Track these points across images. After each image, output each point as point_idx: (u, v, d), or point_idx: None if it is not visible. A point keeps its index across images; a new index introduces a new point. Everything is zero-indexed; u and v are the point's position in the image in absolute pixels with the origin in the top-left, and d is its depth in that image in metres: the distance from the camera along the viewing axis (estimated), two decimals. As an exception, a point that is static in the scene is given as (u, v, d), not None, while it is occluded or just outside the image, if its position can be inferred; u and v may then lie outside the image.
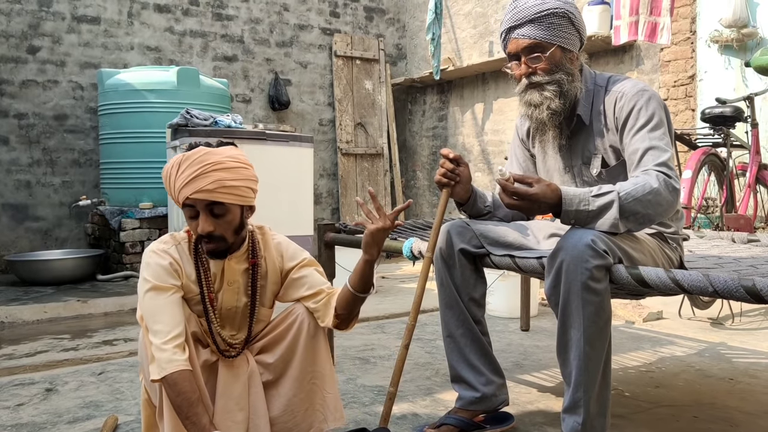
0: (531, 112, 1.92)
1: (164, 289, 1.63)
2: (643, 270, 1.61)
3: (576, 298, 1.64)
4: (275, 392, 1.80)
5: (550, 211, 1.68)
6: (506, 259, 1.97)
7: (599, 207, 1.64)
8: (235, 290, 1.76)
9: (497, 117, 6.48)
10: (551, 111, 1.88)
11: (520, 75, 1.91)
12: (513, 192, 1.64)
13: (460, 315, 2.04)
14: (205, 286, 1.71)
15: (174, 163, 1.63)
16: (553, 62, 1.86)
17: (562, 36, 1.86)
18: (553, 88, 1.87)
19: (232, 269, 1.75)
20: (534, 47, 1.86)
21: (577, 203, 1.64)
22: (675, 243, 1.95)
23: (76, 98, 5.70)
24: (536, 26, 1.85)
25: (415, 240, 2.34)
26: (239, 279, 1.76)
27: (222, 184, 1.60)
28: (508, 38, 1.92)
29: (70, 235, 5.68)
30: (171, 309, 1.61)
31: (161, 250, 1.68)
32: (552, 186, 1.65)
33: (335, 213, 7.17)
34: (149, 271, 1.64)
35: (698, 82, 4.82)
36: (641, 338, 3.25)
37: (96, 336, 3.39)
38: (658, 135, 1.77)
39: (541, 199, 1.63)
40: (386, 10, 7.52)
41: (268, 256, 1.81)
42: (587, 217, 1.65)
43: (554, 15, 1.84)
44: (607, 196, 1.64)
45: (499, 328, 3.50)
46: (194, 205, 1.61)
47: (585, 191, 1.66)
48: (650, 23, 3.98)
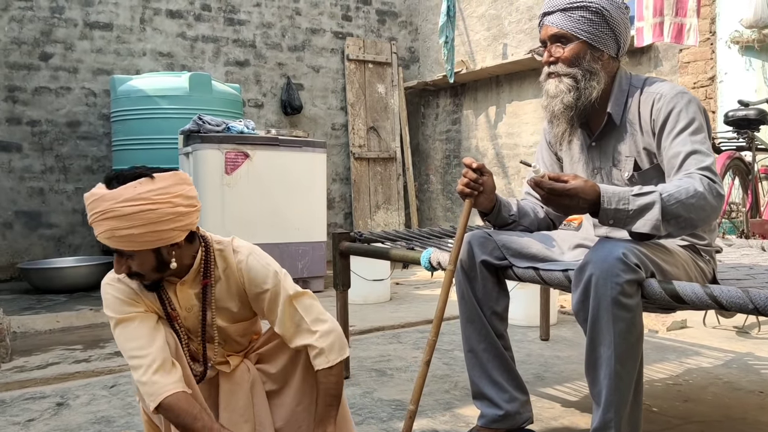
0: (548, 103, 1.88)
1: (128, 319, 1.54)
2: (678, 285, 1.53)
3: (606, 314, 1.56)
4: (278, 402, 1.73)
5: (587, 210, 1.60)
6: (530, 272, 1.90)
7: (640, 207, 1.56)
8: (196, 315, 1.65)
9: (511, 120, 6.40)
10: (564, 105, 1.83)
11: (544, 61, 1.86)
12: (550, 189, 1.57)
13: (482, 329, 1.96)
14: (169, 308, 1.61)
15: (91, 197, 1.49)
16: (574, 56, 1.81)
17: (590, 32, 1.79)
18: (569, 82, 1.82)
19: (185, 295, 1.62)
20: (559, 37, 1.82)
21: (617, 202, 1.56)
22: (708, 255, 1.87)
23: (88, 105, 5.69)
24: (565, 16, 1.80)
25: (434, 250, 2.27)
26: (195, 303, 1.63)
27: (113, 234, 1.43)
28: (542, 24, 1.88)
29: (84, 242, 5.66)
30: (142, 336, 1.53)
31: (114, 281, 1.58)
32: (590, 182, 1.58)
33: (348, 218, 7.11)
34: (108, 304, 1.55)
35: (718, 84, 4.71)
36: (665, 348, 3.16)
37: (108, 346, 3.34)
38: (700, 139, 1.70)
39: (579, 194, 1.56)
40: (399, 13, 7.46)
41: (230, 273, 1.64)
42: (626, 217, 1.57)
43: (586, 9, 1.78)
44: (648, 196, 1.56)
45: (518, 337, 3.42)
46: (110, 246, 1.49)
47: (625, 190, 1.58)
48: (676, 24, 3.88)
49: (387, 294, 4.65)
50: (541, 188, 1.59)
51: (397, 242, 2.72)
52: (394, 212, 7.24)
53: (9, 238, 5.40)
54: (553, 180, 1.58)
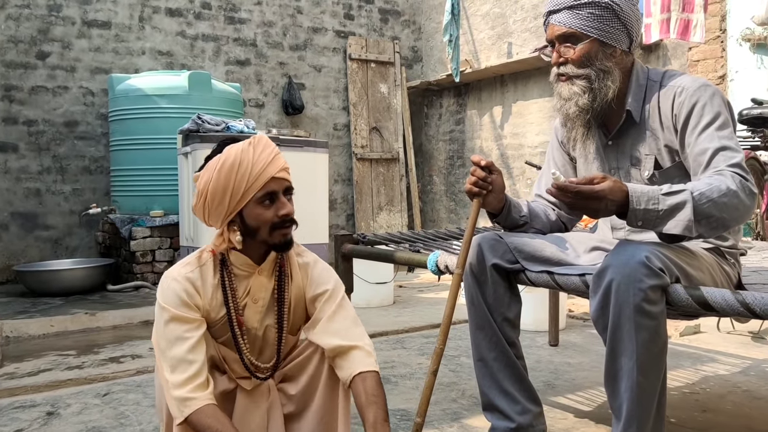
0: (561, 105, 1.77)
1: (188, 320, 1.49)
2: (706, 291, 1.43)
3: (628, 322, 1.45)
4: (297, 426, 1.64)
5: (615, 212, 1.50)
6: (544, 276, 1.79)
7: (671, 207, 1.46)
8: (259, 309, 1.61)
9: (516, 120, 6.29)
10: (579, 108, 1.73)
11: (553, 63, 1.76)
12: (576, 192, 1.46)
13: (493, 337, 1.86)
14: (233, 308, 1.56)
15: (244, 147, 1.50)
16: (585, 55, 1.70)
17: (601, 28, 1.69)
18: (582, 83, 1.71)
19: (259, 284, 1.60)
20: (568, 36, 1.71)
21: (646, 201, 1.46)
22: (733, 258, 1.76)
23: (86, 104, 5.59)
24: (573, 14, 1.69)
25: (441, 253, 2.16)
26: (264, 296, 1.61)
27: (287, 166, 1.56)
28: (547, 23, 1.77)
29: (81, 243, 5.56)
30: (193, 345, 1.47)
31: (181, 277, 1.53)
32: (618, 182, 1.47)
33: (350, 219, 7.01)
34: (167, 299, 1.49)
35: (729, 82, 4.61)
36: (680, 355, 3.05)
37: (103, 352, 3.24)
38: (727, 134, 1.59)
39: (608, 195, 1.45)
40: (401, 12, 7.36)
41: (293, 275, 1.65)
42: (656, 217, 1.47)
43: (595, 5, 1.68)
44: (679, 195, 1.46)
45: (526, 342, 3.31)
46: (274, 188, 1.50)
47: (654, 189, 1.48)
48: (683, 20, 3.78)
49: (390, 297, 4.55)
50: (565, 193, 1.48)
51: (401, 244, 2.62)
52: (396, 214, 7.13)
53: (5, 239, 5.30)
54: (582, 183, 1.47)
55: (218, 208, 1.50)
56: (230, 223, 1.54)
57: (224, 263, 1.57)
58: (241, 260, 1.59)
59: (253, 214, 1.52)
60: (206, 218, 1.55)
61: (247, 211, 1.52)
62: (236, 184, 1.48)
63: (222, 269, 1.57)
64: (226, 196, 1.49)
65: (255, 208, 1.51)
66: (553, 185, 1.48)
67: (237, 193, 1.48)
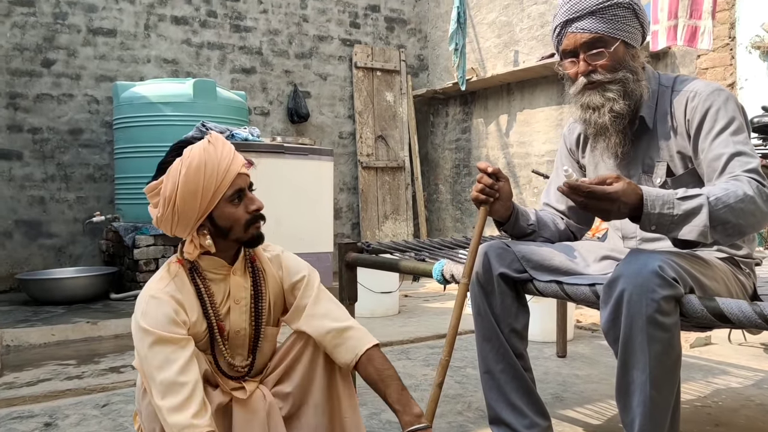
0: (589, 116, 1.69)
1: (174, 341, 1.41)
2: (722, 302, 1.37)
3: (640, 333, 1.40)
4: (297, 424, 1.60)
5: (628, 215, 1.44)
6: (553, 286, 1.74)
7: (686, 212, 1.40)
8: (243, 309, 1.58)
9: (523, 128, 6.25)
10: (614, 114, 1.66)
11: (577, 74, 1.69)
12: (588, 192, 1.40)
13: (500, 348, 1.80)
14: (213, 314, 1.52)
15: (205, 146, 1.47)
16: (616, 59, 1.65)
17: (625, 30, 1.65)
18: (617, 88, 1.65)
19: (237, 284, 1.57)
20: (595, 42, 1.65)
21: (661, 206, 1.41)
22: (748, 268, 1.71)
23: (91, 112, 5.58)
24: (598, 18, 1.64)
25: (447, 262, 2.11)
26: (245, 296, 1.59)
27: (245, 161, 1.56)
28: (563, 33, 1.70)
29: (84, 252, 5.53)
30: (183, 365, 1.40)
31: (161, 292, 1.46)
32: (632, 185, 1.42)
33: (355, 228, 6.97)
34: (150, 320, 1.41)
35: (738, 90, 4.55)
36: (691, 367, 2.98)
37: (103, 362, 3.20)
38: (742, 139, 1.54)
39: (621, 197, 1.40)
40: (407, 20, 7.34)
41: (266, 269, 1.64)
42: (671, 222, 1.42)
43: (618, 6, 1.63)
44: (695, 200, 1.41)
45: (533, 353, 3.25)
46: (241, 185, 1.50)
47: (669, 193, 1.43)
48: (690, 27, 3.73)
49: (395, 307, 4.49)
50: (578, 193, 1.43)
51: (406, 253, 2.57)
52: (402, 223, 7.08)
53: (8, 248, 5.27)
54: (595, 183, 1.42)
55: (188, 214, 1.46)
56: (199, 228, 1.50)
57: (196, 271, 1.53)
58: (213, 264, 1.55)
59: (224, 214, 1.49)
60: (173, 228, 1.49)
61: (218, 212, 1.49)
62: (205, 185, 1.44)
63: (194, 277, 1.52)
64: (196, 198, 1.44)
65: (226, 207, 1.49)
66: (565, 184, 1.43)
67: (207, 194, 1.45)
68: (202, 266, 1.54)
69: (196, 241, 1.50)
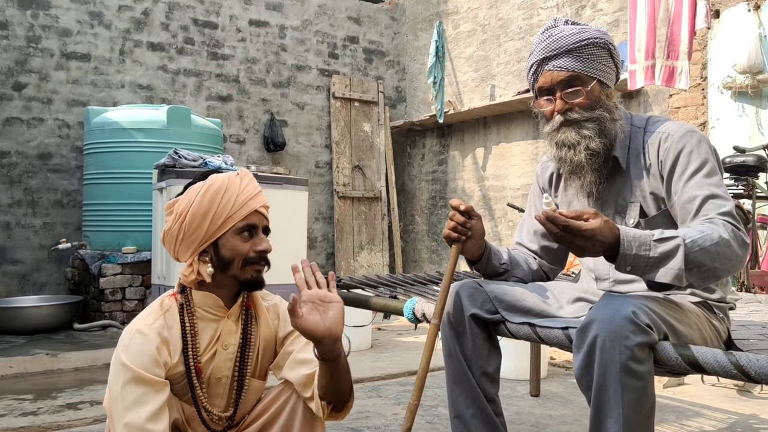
0: (564, 154, 1.67)
1: (150, 382, 1.34)
2: (697, 351, 1.34)
3: (614, 382, 1.36)
4: None
5: (603, 254, 1.41)
6: (525, 328, 1.69)
7: (662, 254, 1.38)
8: (229, 356, 1.51)
9: (498, 162, 6.27)
10: (590, 152, 1.64)
11: (553, 111, 1.67)
12: (564, 226, 1.37)
13: (471, 392, 1.74)
14: (192, 355, 1.44)
15: (231, 176, 1.46)
16: (592, 98, 1.63)
17: (601, 69, 1.64)
18: (593, 126, 1.63)
19: (229, 329, 1.50)
20: (572, 80, 1.63)
21: (637, 246, 1.38)
22: (722, 313, 1.68)
23: (61, 137, 5.47)
24: (575, 57, 1.62)
25: (419, 300, 2.06)
26: (234, 342, 1.51)
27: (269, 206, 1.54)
28: (540, 70, 1.68)
29: (50, 279, 5.37)
30: (154, 412, 1.32)
31: (148, 328, 1.40)
32: (610, 223, 1.39)
33: (330, 258, 6.89)
34: (130, 356, 1.35)
35: (710, 130, 4.61)
36: (664, 408, 2.94)
37: (61, 397, 3.07)
38: (716, 182, 1.53)
39: (597, 236, 1.36)
40: (386, 52, 7.38)
41: (261, 317, 1.57)
42: (647, 264, 1.39)
43: (594, 45, 1.62)
44: (671, 242, 1.38)
45: (506, 392, 3.19)
46: (255, 222, 1.46)
47: (646, 234, 1.40)
48: (668, 67, 3.78)
49: (368, 341, 4.41)
50: (554, 224, 1.39)
51: (378, 288, 2.51)
52: (378, 253, 7.03)
53: (-30, 274, 5.11)
54: (572, 217, 1.38)
55: (195, 234, 1.42)
56: (202, 254, 1.45)
57: (188, 306, 1.47)
58: (209, 302, 1.49)
59: (229, 245, 1.44)
60: (177, 246, 1.46)
61: (224, 241, 1.44)
62: (219, 208, 1.42)
63: (183, 313, 1.46)
64: (206, 220, 1.41)
65: (233, 239, 1.44)
66: (543, 213, 1.39)
67: (218, 218, 1.42)
68: (197, 302, 1.47)
69: (195, 266, 1.46)
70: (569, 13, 5.55)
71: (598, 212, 1.40)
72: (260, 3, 6.49)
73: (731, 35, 4.40)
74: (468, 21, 6.62)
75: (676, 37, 3.70)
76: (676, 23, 3.70)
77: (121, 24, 5.74)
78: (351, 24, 7.11)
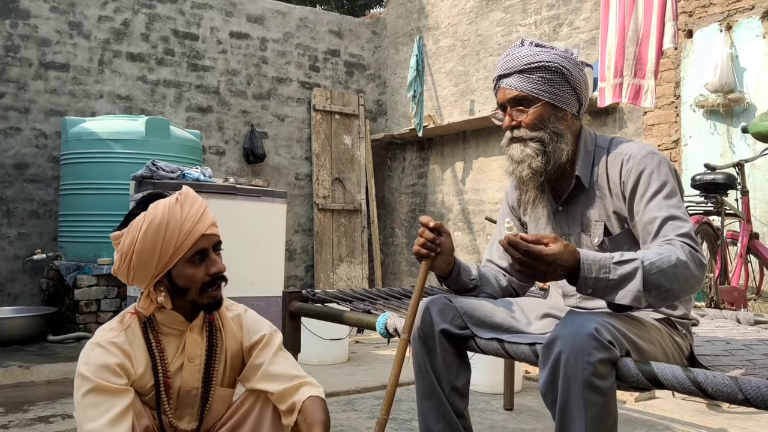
0: (513, 168, 1.75)
1: (109, 390, 1.36)
2: (657, 367, 1.37)
3: (577, 397, 1.39)
4: None
5: (564, 277, 1.45)
6: (494, 344, 1.72)
7: (621, 276, 1.42)
8: (197, 367, 1.52)
9: (478, 176, 6.33)
10: (532, 170, 1.70)
11: (505, 126, 1.73)
12: (525, 251, 1.41)
13: (440, 407, 1.76)
14: (161, 370, 1.45)
15: (170, 205, 1.42)
16: (538, 118, 1.69)
17: (552, 92, 1.68)
18: (536, 146, 1.69)
19: (193, 342, 1.52)
20: (520, 100, 1.70)
21: (597, 270, 1.42)
22: (684, 329, 1.72)
23: (38, 146, 5.43)
24: (524, 78, 1.68)
25: (391, 315, 2.08)
26: (200, 354, 1.53)
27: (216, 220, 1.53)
28: (497, 86, 1.75)
29: (24, 290, 5.31)
30: (115, 417, 1.33)
31: (108, 342, 1.41)
32: (570, 247, 1.43)
33: (309, 270, 6.89)
34: (89, 367, 1.36)
35: (683, 147, 4.70)
36: (634, 422, 2.98)
37: (32, 410, 3.03)
38: (675, 203, 1.57)
39: (557, 260, 1.41)
40: (367, 66, 7.43)
41: (225, 328, 1.59)
42: (606, 287, 1.43)
43: (545, 69, 1.67)
44: (630, 264, 1.42)
45: (480, 406, 3.21)
46: (204, 246, 1.45)
47: (606, 257, 1.44)
48: (634, 86, 3.85)
49: (345, 354, 4.41)
50: (516, 248, 1.42)
51: (353, 302, 2.52)
52: (357, 266, 7.04)
53: (-58, 284, 5.04)
54: (532, 241, 1.42)
55: (145, 271, 1.42)
56: (157, 284, 1.45)
57: (150, 324, 1.48)
58: (170, 318, 1.50)
59: (182, 274, 1.45)
60: (129, 281, 1.46)
61: (176, 271, 1.44)
62: (164, 244, 1.40)
63: (146, 331, 1.47)
64: (153, 257, 1.41)
65: (185, 268, 1.44)
66: (506, 237, 1.43)
67: (165, 254, 1.41)
68: (159, 320, 1.49)
69: (153, 296, 1.46)
70: (547, 31, 5.63)
71: (558, 237, 1.45)
72: (241, 15, 6.51)
73: (704, 54, 4.49)
74: (448, 36, 6.69)
75: (644, 56, 3.78)
76: (644, 43, 3.78)
77: (100, 34, 5.73)
78: (332, 37, 7.15)
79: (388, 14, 7.54)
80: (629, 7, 3.88)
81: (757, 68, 4.26)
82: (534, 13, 5.78)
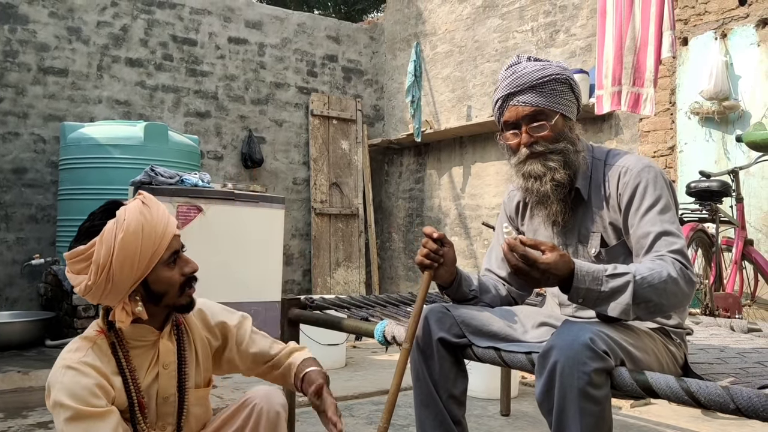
0: (531, 185, 1.73)
1: (93, 415, 1.32)
2: (651, 377, 1.40)
3: (573, 406, 1.41)
4: None
5: (557, 285, 1.49)
6: (490, 352, 1.74)
7: (612, 289, 1.46)
8: (172, 374, 1.52)
9: (475, 181, 6.36)
10: (555, 182, 1.71)
11: (519, 144, 1.74)
12: (522, 255, 1.44)
13: (438, 415, 1.79)
14: (134, 389, 1.44)
15: (140, 209, 1.41)
16: (556, 131, 1.71)
17: (563, 103, 1.71)
18: (558, 158, 1.70)
19: (166, 349, 1.52)
20: (537, 115, 1.71)
21: (590, 281, 1.46)
22: (678, 338, 1.74)
23: (37, 151, 5.45)
24: (538, 93, 1.70)
25: (389, 323, 2.10)
26: (173, 359, 1.53)
27: None
28: (505, 106, 1.75)
29: (22, 295, 5.32)
30: None
31: (79, 363, 1.37)
32: (566, 257, 1.46)
33: (307, 275, 6.91)
34: (66, 394, 1.31)
35: (678, 154, 4.74)
36: (630, 427, 3.01)
37: (32, 416, 3.05)
38: (668, 218, 1.61)
39: (551, 269, 1.44)
40: (364, 71, 7.46)
41: (191, 326, 1.61)
42: (597, 298, 1.47)
43: (556, 81, 1.70)
44: (622, 278, 1.46)
45: (477, 411, 3.24)
46: (176, 246, 1.48)
47: (599, 269, 1.48)
48: (633, 94, 3.89)
49: (342, 359, 4.43)
50: (515, 251, 1.46)
51: (351, 310, 2.55)
52: (354, 270, 7.06)
53: (-60, 289, 5.04)
54: (530, 246, 1.45)
55: (124, 281, 1.39)
56: (131, 294, 1.43)
57: (119, 341, 1.46)
58: (140, 332, 1.48)
59: (160, 279, 1.44)
60: (102, 297, 1.41)
61: (153, 277, 1.44)
62: (143, 249, 1.39)
63: (115, 350, 1.44)
64: (134, 264, 1.39)
65: (162, 272, 1.44)
66: (506, 241, 1.46)
67: (145, 258, 1.40)
68: (127, 336, 1.47)
69: (128, 308, 1.43)
70: (543, 37, 5.67)
71: (556, 246, 1.48)
72: (240, 21, 6.54)
73: (699, 62, 4.53)
74: (445, 42, 6.73)
75: (642, 64, 3.81)
76: (642, 51, 3.81)
77: (99, 40, 5.75)
78: (330, 43, 7.18)
79: (386, 20, 7.57)
80: (626, 16, 3.91)
81: (751, 76, 4.30)
82: (531, 20, 5.82)
